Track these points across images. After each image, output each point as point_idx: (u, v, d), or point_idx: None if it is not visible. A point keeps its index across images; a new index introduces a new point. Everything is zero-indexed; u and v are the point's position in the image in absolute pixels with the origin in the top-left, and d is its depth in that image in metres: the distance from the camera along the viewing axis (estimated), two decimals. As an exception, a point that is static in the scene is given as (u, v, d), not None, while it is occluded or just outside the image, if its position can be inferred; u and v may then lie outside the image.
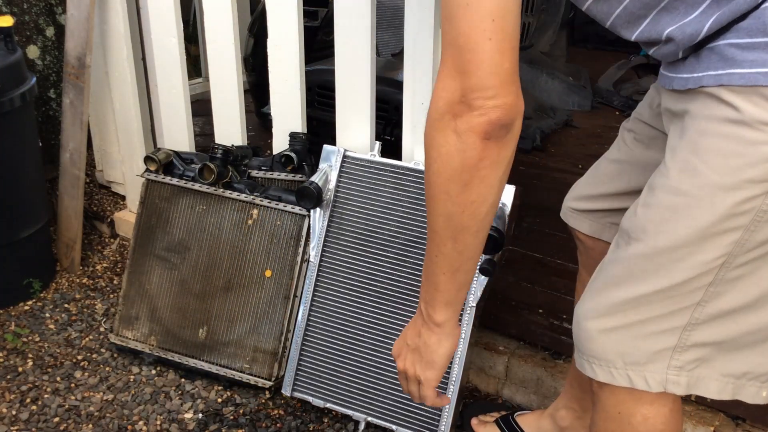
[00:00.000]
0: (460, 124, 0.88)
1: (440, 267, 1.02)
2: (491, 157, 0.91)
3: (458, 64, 0.87)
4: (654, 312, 0.99)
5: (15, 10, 2.51)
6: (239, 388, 1.92)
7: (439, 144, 0.91)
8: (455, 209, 0.95)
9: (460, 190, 0.93)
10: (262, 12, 2.55)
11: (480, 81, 0.86)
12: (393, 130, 2.17)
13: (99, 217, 2.65)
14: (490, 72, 0.86)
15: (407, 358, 1.13)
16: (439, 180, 0.93)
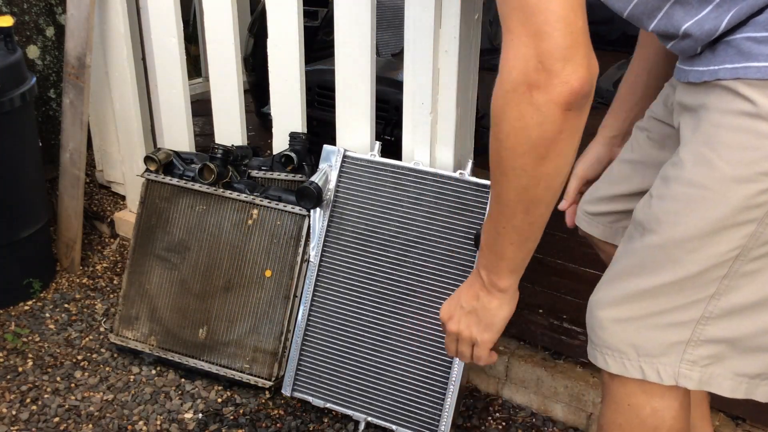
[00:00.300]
0: (539, 96, 0.82)
1: (508, 238, 1.00)
2: (570, 128, 0.86)
3: (530, 28, 0.81)
4: (668, 303, 0.99)
5: (15, 10, 2.51)
6: (239, 388, 1.92)
7: (514, 118, 0.85)
8: (530, 182, 0.91)
9: (535, 164, 0.89)
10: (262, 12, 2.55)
11: (556, 42, 0.80)
12: (393, 130, 2.18)
13: (99, 217, 2.65)
14: (566, 31, 0.80)
15: (461, 320, 1.12)
16: (513, 155, 0.89)
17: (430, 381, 1.70)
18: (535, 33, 0.81)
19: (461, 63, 1.68)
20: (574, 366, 1.80)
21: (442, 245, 1.71)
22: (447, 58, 1.68)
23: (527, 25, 0.81)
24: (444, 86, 1.71)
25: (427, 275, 1.72)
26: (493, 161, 0.93)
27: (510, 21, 0.83)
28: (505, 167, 0.91)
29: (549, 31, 0.80)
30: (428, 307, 1.71)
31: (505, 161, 0.90)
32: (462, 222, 1.70)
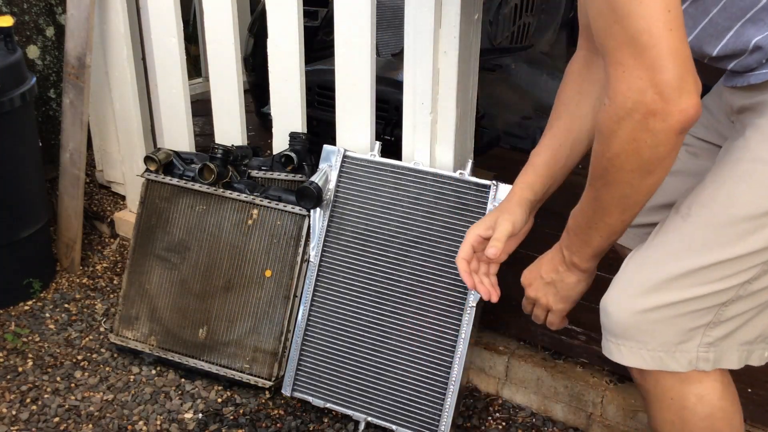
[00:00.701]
0: (656, 124, 0.87)
1: (600, 231, 1.04)
2: (678, 146, 0.91)
3: (644, 61, 0.85)
4: (702, 289, 1.00)
5: (15, 10, 2.51)
6: (239, 388, 1.92)
7: (626, 141, 0.90)
8: (632, 192, 0.96)
9: (642, 179, 0.93)
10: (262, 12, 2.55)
11: (672, 73, 0.85)
12: (393, 130, 2.17)
13: (99, 217, 2.65)
14: (679, 62, 0.85)
15: (540, 288, 1.19)
16: (621, 171, 0.94)
17: (430, 381, 1.70)
18: (650, 66, 0.85)
19: (461, 63, 1.68)
20: (574, 366, 1.80)
21: (442, 245, 1.71)
22: (447, 58, 1.68)
23: (641, 59, 0.85)
24: (444, 86, 1.71)
25: (427, 275, 1.72)
26: (596, 173, 0.97)
27: (619, 54, 0.87)
28: (611, 179, 0.96)
29: (664, 64, 0.85)
30: (428, 307, 1.71)
31: (612, 175, 0.95)
32: (462, 222, 1.70)
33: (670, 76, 0.85)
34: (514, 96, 3.13)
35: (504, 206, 1.24)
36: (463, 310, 1.67)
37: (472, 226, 1.25)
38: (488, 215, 1.26)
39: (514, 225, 1.22)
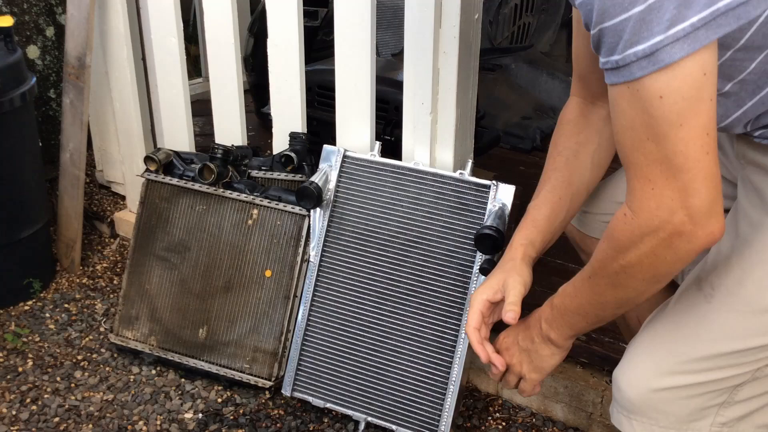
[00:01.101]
0: (681, 244, 0.85)
1: (588, 320, 1.04)
2: (692, 260, 0.89)
3: (677, 183, 0.83)
4: (722, 373, 0.99)
5: (15, 10, 2.51)
6: (239, 388, 1.92)
7: (645, 254, 0.88)
8: (636, 296, 0.96)
9: (650, 287, 0.93)
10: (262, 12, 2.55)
11: (705, 198, 0.83)
12: (393, 130, 2.17)
13: (99, 217, 2.65)
14: (712, 187, 0.84)
15: (515, 355, 1.16)
16: (632, 279, 0.93)
17: (430, 381, 1.70)
18: (683, 188, 0.83)
19: (461, 63, 1.68)
20: (574, 366, 1.80)
21: (442, 245, 1.71)
22: (447, 58, 1.68)
23: (674, 180, 0.83)
24: (444, 86, 1.71)
25: (427, 275, 1.72)
26: (602, 273, 0.96)
27: (650, 171, 0.84)
28: (618, 283, 0.94)
29: (698, 188, 0.83)
30: (428, 307, 1.71)
31: (620, 280, 0.94)
32: (462, 222, 1.70)
33: (703, 201, 0.83)
34: (514, 96, 3.13)
35: (510, 266, 1.17)
36: (463, 310, 1.67)
37: (477, 291, 1.17)
38: (492, 278, 1.17)
39: (526, 286, 1.16)
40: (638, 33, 0.77)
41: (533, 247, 1.19)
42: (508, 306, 1.12)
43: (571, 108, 1.24)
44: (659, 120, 0.80)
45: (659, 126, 0.81)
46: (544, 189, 1.23)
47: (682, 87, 0.79)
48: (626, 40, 0.79)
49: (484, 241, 1.58)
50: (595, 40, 0.84)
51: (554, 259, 2.11)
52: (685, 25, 0.75)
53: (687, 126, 0.80)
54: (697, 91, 0.80)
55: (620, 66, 0.80)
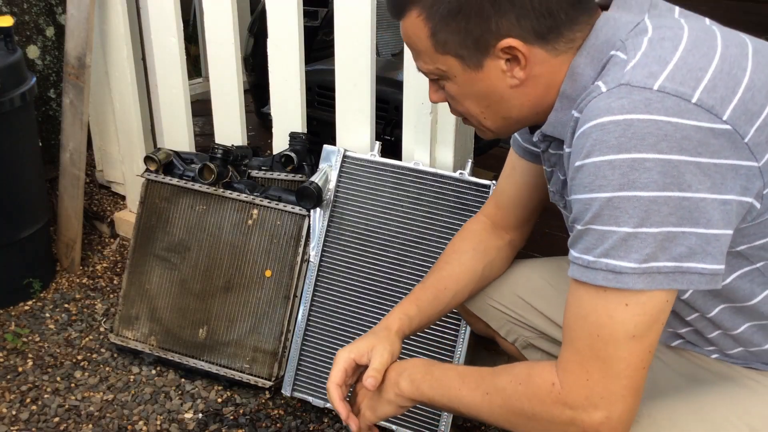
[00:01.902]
0: (581, 424, 0.90)
1: (448, 404, 1.05)
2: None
3: (612, 387, 0.87)
4: None
5: (15, 10, 2.51)
6: (239, 388, 1.92)
7: (550, 424, 0.92)
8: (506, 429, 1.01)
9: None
10: (262, 12, 2.54)
11: (628, 410, 0.88)
12: (393, 130, 2.17)
13: (99, 217, 2.65)
14: (637, 400, 0.89)
15: (362, 388, 1.15)
16: (521, 427, 0.97)
17: (430, 381, 1.70)
18: (614, 393, 0.88)
19: (461, 63, 1.68)
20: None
21: (442, 245, 1.71)
22: (447, 58, 1.67)
23: (609, 382, 0.88)
24: (444, 86, 1.71)
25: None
26: (500, 401, 0.98)
27: (590, 365, 0.89)
28: (506, 416, 0.98)
29: (626, 397, 0.88)
30: (428, 307, 1.71)
31: (511, 418, 0.98)
32: (462, 222, 1.70)
33: (624, 411, 0.88)
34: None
35: (383, 335, 1.16)
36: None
37: (344, 349, 1.14)
38: (362, 340, 1.15)
39: (393, 356, 1.14)
40: (617, 249, 0.84)
41: (409, 323, 1.21)
42: (370, 371, 1.11)
43: (477, 222, 1.34)
44: (617, 325, 0.86)
45: (611, 331, 0.86)
46: (435, 276, 1.29)
47: (647, 305, 0.85)
48: (604, 249, 0.85)
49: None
50: (578, 234, 0.89)
51: (554, 259, 2.11)
52: (653, 265, 0.83)
53: (641, 341, 0.86)
54: (657, 314, 0.86)
55: (589, 268, 0.87)
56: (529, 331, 1.38)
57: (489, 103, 0.99)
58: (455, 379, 1.04)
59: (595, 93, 0.87)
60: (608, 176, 0.83)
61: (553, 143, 1.05)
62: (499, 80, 0.95)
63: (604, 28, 0.92)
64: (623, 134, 0.82)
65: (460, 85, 0.98)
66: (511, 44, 0.90)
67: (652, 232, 0.82)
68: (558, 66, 0.94)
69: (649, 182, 0.81)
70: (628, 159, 0.81)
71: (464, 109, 1.02)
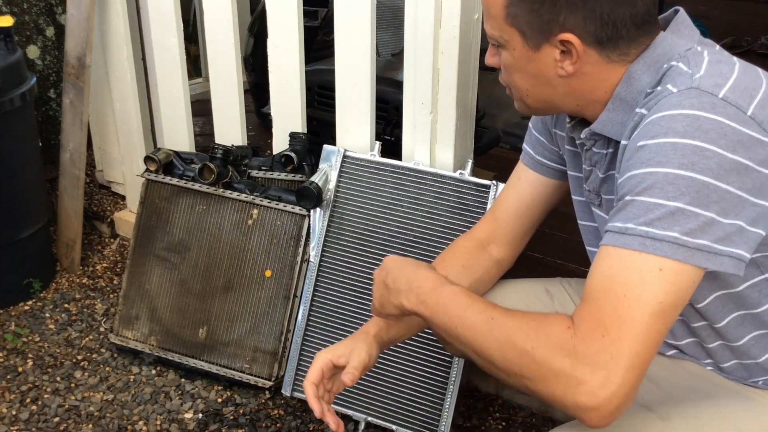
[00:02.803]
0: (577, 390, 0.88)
1: (445, 325, 1.04)
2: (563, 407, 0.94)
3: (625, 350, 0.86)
4: None
5: (15, 10, 2.51)
6: (239, 388, 1.92)
7: (552, 364, 0.90)
8: (500, 369, 0.99)
9: (518, 381, 0.96)
10: (262, 12, 2.55)
11: (631, 382, 0.86)
12: (393, 130, 2.17)
13: (99, 217, 2.65)
14: (641, 376, 0.88)
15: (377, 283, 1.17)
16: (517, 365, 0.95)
17: (430, 381, 1.70)
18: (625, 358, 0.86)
19: (461, 63, 1.68)
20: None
21: (442, 245, 1.71)
22: (447, 58, 1.68)
23: (623, 346, 0.87)
24: (444, 86, 1.71)
25: (427, 275, 1.71)
26: (503, 335, 0.96)
27: (610, 322, 0.88)
28: (504, 350, 0.96)
29: (635, 368, 0.86)
30: (428, 307, 1.71)
31: (508, 353, 0.96)
32: (462, 222, 1.70)
33: (626, 388, 0.87)
34: (514, 96, 3.12)
35: (362, 338, 1.20)
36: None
37: (323, 351, 1.18)
38: (341, 344, 1.19)
39: (370, 359, 1.19)
40: (661, 220, 0.88)
41: (387, 332, 1.24)
42: (349, 369, 1.15)
43: (468, 239, 1.38)
44: (647, 287, 0.88)
45: (643, 293, 0.87)
46: None
47: (679, 277, 0.88)
48: (648, 219, 0.89)
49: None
50: (621, 206, 0.93)
51: (554, 260, 2.11)
52: (693, 241, 0.88)
53: (663, 314, 0.88)
54: (684, 292, 0.89)
55: (626, 234, 0.90)
56: None
57: (536, 84, 1.06)
58: (463, 298, 1.03)
59: (666, 93, 0.94)
60: (669, 155, 0.89)
61: (598, 142, 1.09)
62: (549, 67, 1.02)
63: (661, 44, 1.01)
64: (691, 125, 0.89)
65: (516, 59, 1.05)
66: (569, 39, 0.98)
67: (697, 212, 0.88)
68: (608, 71, 1.02)
69: (706, 169, 0.88)
70: (690, 144, 0.88)
71: (512, 81, 1.09)
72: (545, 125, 1.31)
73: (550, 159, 1.30)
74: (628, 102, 1.02)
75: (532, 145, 1.33)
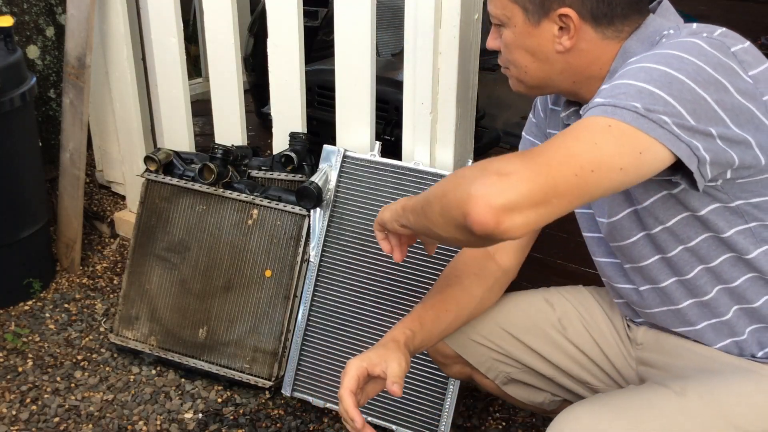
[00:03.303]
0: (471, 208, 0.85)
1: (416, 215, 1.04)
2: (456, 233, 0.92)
3: (527, 164, 0.85)
4: None
5: (15, 10, 2.51)
6: (239, 388, 1.92)
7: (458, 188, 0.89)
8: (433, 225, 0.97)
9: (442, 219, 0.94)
10: (262, 12, 2.55)
11: (527, 197, 0.84)
12: (393, 130, 2.17)
13: (99, 217, 2.65)
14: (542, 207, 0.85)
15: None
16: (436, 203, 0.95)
17: (430, 381, 1.70)
18: (524, 171, 0.85)
19: (461, 63, 1.68)
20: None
21: (441, 245, 1.71)
22: (447, 58, 1.68)
23: (530, 163, 0.86)
24: (444, 86, 1.71)
25: (427, 275, 1.72)
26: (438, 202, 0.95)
27: (535, 155, 0.87)
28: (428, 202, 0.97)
29: (536, 182, 0.84)
30: (428, 307, 1.71)
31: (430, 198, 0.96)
32: (462, 222, 1.69)
33: (521, 199, 0.84)
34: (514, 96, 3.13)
35: (393, 346, 1.16)
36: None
37: (356, 359, 1.13)
38: (373, 352, 1.15)
39: (407, 365, 1.14)
40: (629, 96, 0.90)
41: (413, 338, 1.20)
42: (395, 378, 1.10)
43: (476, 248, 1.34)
44: (589, 137, 0.88)
45: (583, 141, 0.88)
46: (437, 297, 1.29)
47: (630, 141, 0.88)
48: (615, 94, 0.92)
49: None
50: (606, 89, 0.94)
51: (554, 259, 2.11)
52: (656, 116, 0.89)
53: (599, 158, 0.86)
54: (628, 157, 0.88)
55: (591, 107, 0.92)
56: (511, 366, 1.39)
57: (535, 60, 1.11)
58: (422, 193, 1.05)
59: (658, 40, 1.04)
60: (649, 59, 0.96)
61: None
62: (548, 42, 1.09)
63: (652, 24, 1.08)
64: (679, 44, 0.97)
65: (517, 36, 1.11)
66: (567, 13, 1.05)
67: (666, 99, 0.90)
68: (603, 48, 1.08)
69: (682, 70, 0.93)
70: (675, 54, 0.95)
71: (513, 59, 1.14)
72: (539, 128, 1.32)
73: None
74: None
75: (533, 135, 1.35)
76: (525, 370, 1.39)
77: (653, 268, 1.14)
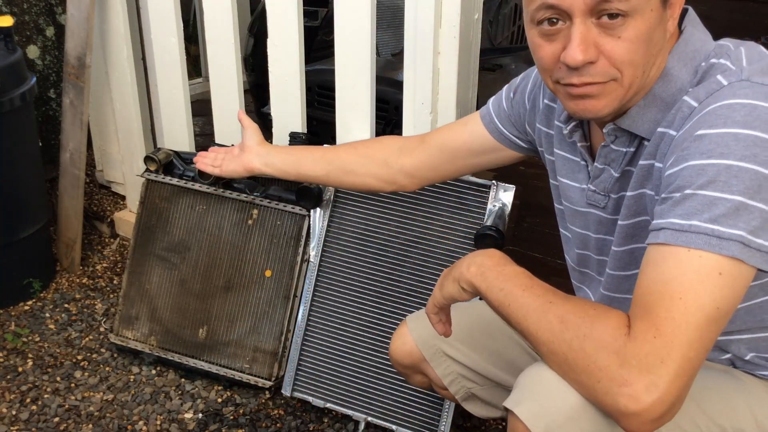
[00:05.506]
0: (620, 393, 0.83)
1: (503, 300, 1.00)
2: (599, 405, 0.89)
3: (675, 354, 0.82)
4: None
5: (15, 10, 2.51)
6: (239, 388, 1.92)
7: (599, 360, 0.85)
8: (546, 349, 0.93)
9: (559, 369, 0.91)
10: (262, 12, 2.55)
11: (677, 393, 0.82)
12: (393, 130, 2.17)
13: (99, 217, 2.65)
14: (687, 388, 0.84)
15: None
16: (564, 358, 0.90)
17: (430, 381, 1.70)
18: (674, 363, 0.81)
19: (461, 63, 1.68)
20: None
21: (442, 245, 1.71)
22: (447, 58, 1.68)
23: (675, 349, 0.82)
24: (444, 86, 1.71)
25: (427, 275, 1.72)
26: (557, 318, 0.91)
27: (664, 325, 0.83)
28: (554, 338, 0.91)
29: (684, 375, 0.82)
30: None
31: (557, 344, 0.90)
32: (462, 222, 1.70)
33: (673, 396, 0.82)
34: (514, 96, 3.12)
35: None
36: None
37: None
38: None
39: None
40: (727, 217, 0.84)
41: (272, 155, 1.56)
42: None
43: (396, 141, 1.47)
44: (706, 291, 0.83)
45: (701, 296, 0.83)
46: (335, 151, 1.51)
47: (737, 281, 0.84)
48: (713, 215, 0.84)
49: (484, 241, 1.58)
50: (679, 200, 0.87)
51: (554, 259, 2.11)
52: (756, 240, 0.84)
53: (719, 312, 0.84)
54: (738, 295, 0.85)
55: (688, 231, 0.85)
56: (471, 381, 1.36)
57: (654, 55, 0.96)
58: (524, 279, 1.00)
59: (716, 86, 0.92)
60: (731, 146, 0.86)
61: (619, 139, 1.04)
62: (664, 28, 0.95)
63: (691, 39, 0.99)
64: (749, 114, 0.87)
65: (651, 23, 0.92)
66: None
67: (761, 208, 0.84)
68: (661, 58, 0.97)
69: (767, 162, 0.85)
70: (752, 135, 0.85)
71: (634, 59, 0.93)
72: (519, 118, 1.29)
73: (514, 135, 1.31)
74: (665, 100, 0.98)
75: (498, 114, 1.33)
76: (489, 387, 1.36)
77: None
